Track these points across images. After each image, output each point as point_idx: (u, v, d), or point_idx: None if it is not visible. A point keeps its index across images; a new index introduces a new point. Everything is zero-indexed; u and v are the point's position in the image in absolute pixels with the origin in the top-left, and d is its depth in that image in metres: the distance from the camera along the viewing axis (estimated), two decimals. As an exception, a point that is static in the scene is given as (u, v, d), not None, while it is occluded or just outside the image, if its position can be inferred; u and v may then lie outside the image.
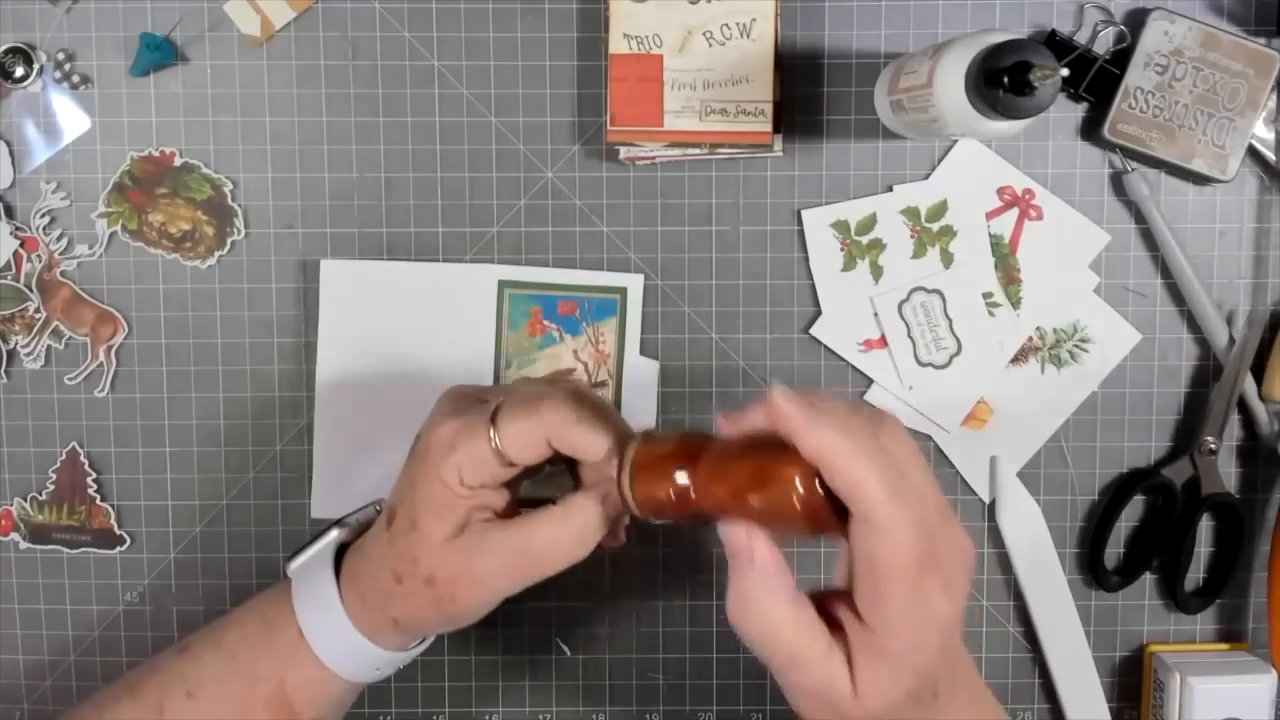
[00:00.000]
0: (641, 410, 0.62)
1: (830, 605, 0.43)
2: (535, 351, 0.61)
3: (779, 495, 0.41)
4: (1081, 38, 0.60)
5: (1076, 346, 0.62)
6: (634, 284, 0.61)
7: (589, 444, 0.46)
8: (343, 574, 0.50)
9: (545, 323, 0.61)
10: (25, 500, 0.62)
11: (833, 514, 0.41)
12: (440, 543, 0.47)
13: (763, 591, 0.42)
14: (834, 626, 0.42)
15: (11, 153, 0.60)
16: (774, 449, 0.41)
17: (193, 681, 0.50)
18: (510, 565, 0.47)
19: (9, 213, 0.61)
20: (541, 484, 0.52)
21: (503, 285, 0.61)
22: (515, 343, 0.61)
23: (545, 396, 0.48)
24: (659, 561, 0.63)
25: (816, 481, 0.41)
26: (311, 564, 0.51)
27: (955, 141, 0.61)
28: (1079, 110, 0.61)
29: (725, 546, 0.43)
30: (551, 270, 0.61)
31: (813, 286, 0.62)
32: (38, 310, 0.61)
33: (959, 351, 0.62)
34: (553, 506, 0.48)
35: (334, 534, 0.52)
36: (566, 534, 0.47)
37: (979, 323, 0.61)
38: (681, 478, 0.44)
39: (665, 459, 0.45)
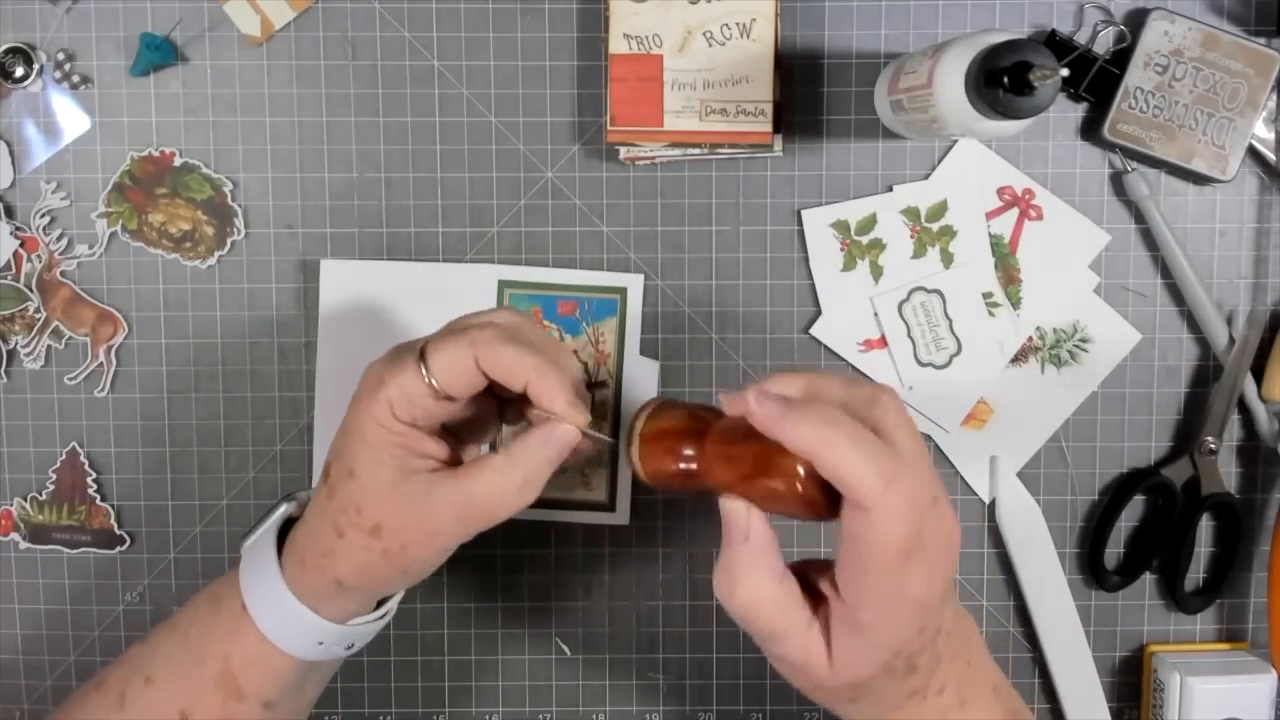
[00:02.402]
0: (641, 410, 0.62)
1: (813, 575, 0.44)
2: None
3: (781, 483, 0.42)
4: (1081, 38, 0.60)
5: (1076, 346, 0.62)
6: (634, 284, 0.61)
7: (521, 365, 0.45)
8: (286, 544, 0.49)
9: (545, 323, 0.61)
10: (25, 500, 0.62)
11: (830, 500, 0.42)
12: (385, 488, 0.46)
13: (752, 567, 0.43)
14: (816, 595, 0.44)
15: (11, 153, 0.60)
16: None
17: (150, 667, 0.50)
18: (459, 516, 0.47)
19: (9, 213, 0.61)
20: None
21: (503, 285, 0.61)
22: None
23: (473, 324, 0.47)
24: (659, 561, 0.63)
25: (815, 470, 0.41)
26: (259, 539, 0.50)
27: (955, 141, 0.61)
28: (1079, 110, 0.61)
29: (722, 519, 0.43)
30: (551, 270, 0.61)
31: (813, 286, 0.62)
32: (38, 310, 0.61)
33: (959, 351, 0.62)
34: (495, 454, 0.47)
35: (282, 508, 0.51)
36: (512, 481, 0.46)
37: (979, 323, 0.61)
38: (688, 457, 0.45)
39: (672, 436, 0.46)
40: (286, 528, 0.51)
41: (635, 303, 0.61)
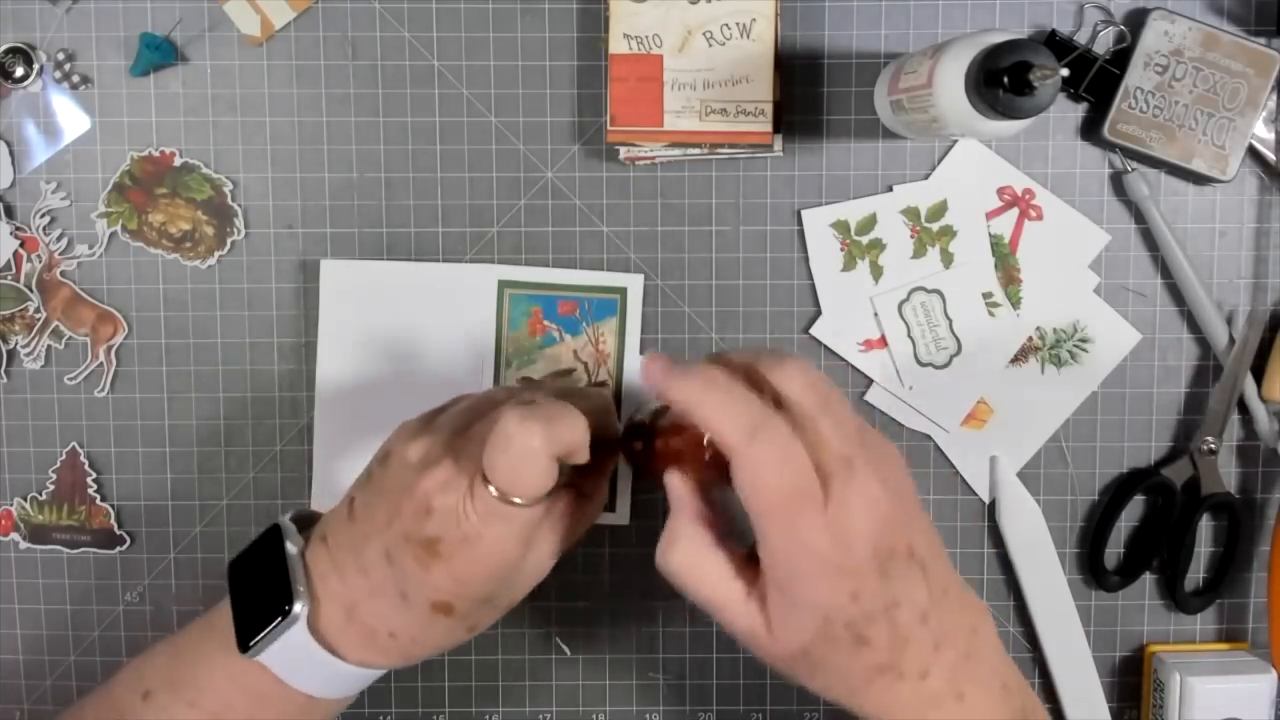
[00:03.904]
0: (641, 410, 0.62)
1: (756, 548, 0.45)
2: (535, 351, 0.61)
3: (692, 448, 0.46)
4: (1081, 38, 0.60)
5: (1076, 346, 0.62)
6: (634, 284, 0.61)
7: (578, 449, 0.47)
8: (357, 646, 0.48)
9: (545, 323, 0.61)
10: (25, 500, 0.62)
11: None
12: (514, 585, 0.50)
13: (684, 535, 0.45)
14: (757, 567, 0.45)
15: (11, 153, 0.60)
16: None
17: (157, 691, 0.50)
18: (561, 548, 0.51)
19: (9, 213, 0.61)
20: None
21: (503, 285, 0.61)
22: (515, 342, 0.61)
23: (516, 440, 0.45)
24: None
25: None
26: (292, 641, 0.48)
27: (955, 141, 0.61)
28: (1079, 110, 0.61)
29: (668, 494, 0.46)
30: (551, 270, 0.61)
31: (813, 286, 0.62)
32: (38, 310, 0.61)
33: (959, 351, 0.62)
34: (556, 509, 0.49)
35: (293, 549, 0.50)
36: (579, 518, 0.51)
37: (979, 323, 0.61)
38: (642, 443, 0.50)
39: (632, 428, 0.51)
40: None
41: (635, 303, 0.61)
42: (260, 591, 0.49)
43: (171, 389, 0.62)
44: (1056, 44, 0.59)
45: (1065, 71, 0.47)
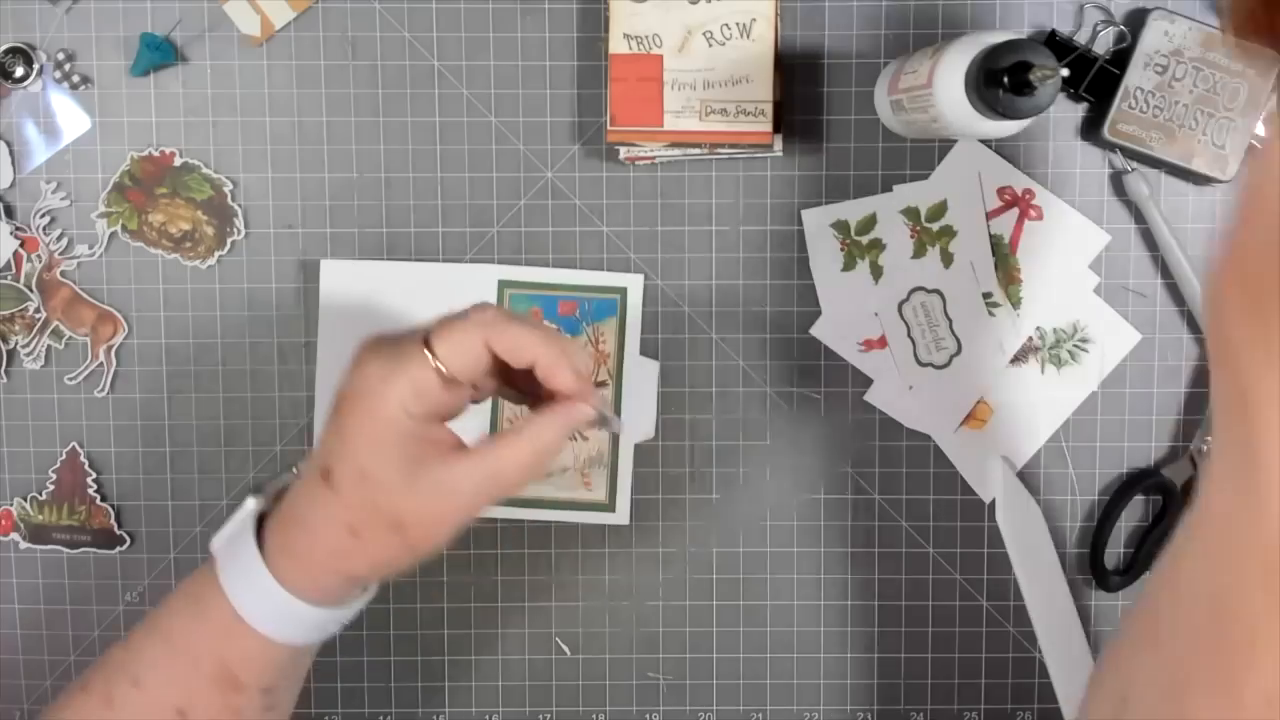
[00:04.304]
0: (641, 410, 0.62)
1: None
2: None
3: None
4: (1081, 38, 0.60)
5: (1076, 346, 0.62)
6: (634, 284, 0.61)
7: (531, 339, 0.46)
8: (271, 545, 0.48)
9: (545, 323, 0.61)
10: (25, 500, 0.62)
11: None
12: (403, 485, 0.46)
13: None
14: None
15: (11, 153, 0.60)
16: None
17: (135, 670, 0.49)
18: (481, 495, 0.47)
19: (9, 213, 0.61)
20: None
21: (503, 285, 0.61)
22: None
23: (472, 308, 0.47)
24: (658, 561, 0.63)
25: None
26: (234, 539, 0.49)
27: (955, 141, 0.61)
28: (1079, 110, 0.61)
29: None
30: (551, 270, 0.61)
31: (813, 286, 0.62)
32: (38, 310, 0.61)
33: (959, 351, 0.62)
34: (509, 431, 0.47)
35: (251, 505, 0.50)
36: (529, 455, 0.47)
37: (979, 323, 0.61)
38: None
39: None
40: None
41: (635, 303, 0.61)
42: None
43: (171, 389, 0.62)
44: (1056, 44, 0.59)
45: (1065, 71, 0.47)
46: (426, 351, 0.46)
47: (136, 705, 0.49)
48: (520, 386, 0.50)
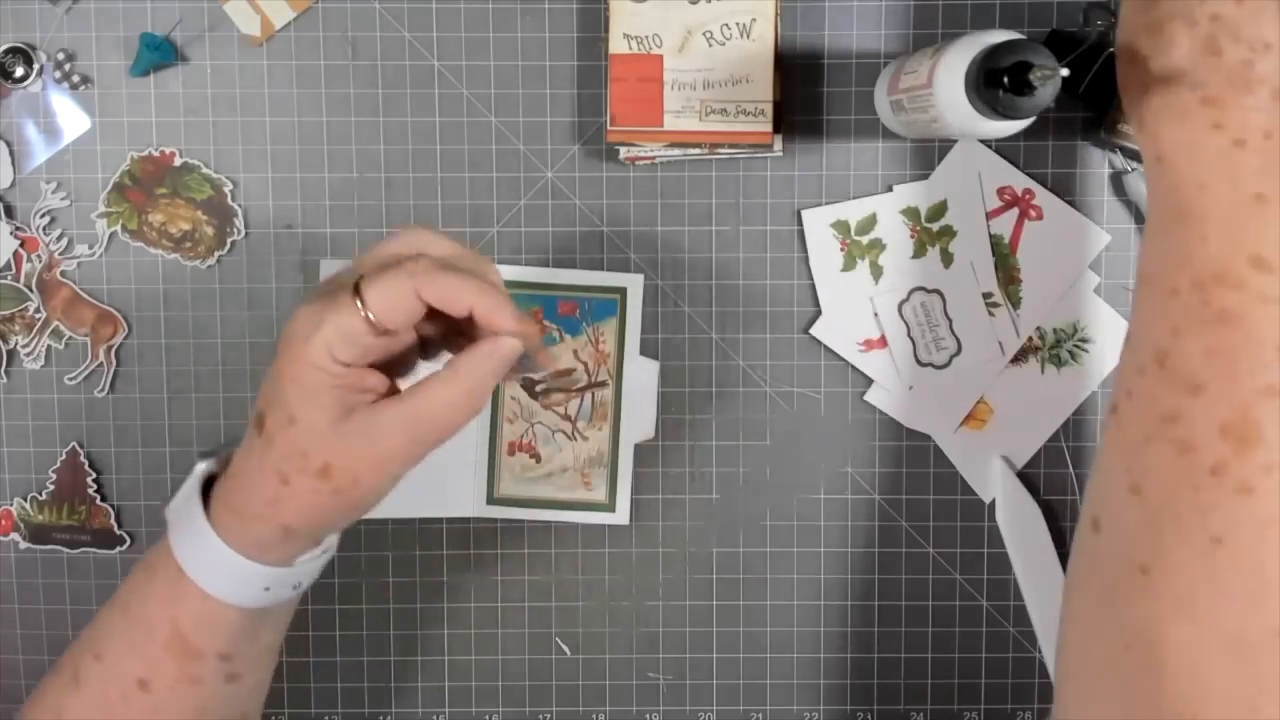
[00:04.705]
0: (641, 410, 0.62)
1: None
2: None
3: None
4: (1082, 38, 0.60)
5: (1076, 346, 0.62)
6: (634, 284, 0.61)
7: (463, 288, 0.46)
8: (216, 503, 0.48)
9: (545, 323, 0.61)
10: (25, 500, 0.62)
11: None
12: (330, 429, 0.45)
13: None
14: None
15: (11, 153, 0.60)
16: None
17: (99, 644, 0.49)
18: (410, 437, 0.46)
19: (9, 213, 0.61)
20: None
21: None
22: None
23: (404, 254, 0.46)
24: (658, 561, 0.63)
25: None
26: (183, 501, 0.49)
27: (955, 141, 0.61)
28: (1079, 110, 0.61)
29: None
30: (552, 270, 0.61)
31: (813, 286, 0.62)
32: (38, 310, 0.61)
33: (959, 351, 0.62)
34: (437, 373, 0.46)
35: (201, 466, 0.49)
36: (460, 394, 0.46)
37: (979, 323, 0.61)
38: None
39: None
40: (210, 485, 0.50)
41: (635, 303, 0.61)
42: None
43: (171, 389, 0.62)
44: (1057, 43, 0.59)
45: (1065, 71, 0.47)
46: (356, 300, 0.45)
47: (100, 679, 0.49)
48: (461, 330, 0.49)
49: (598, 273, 0.61)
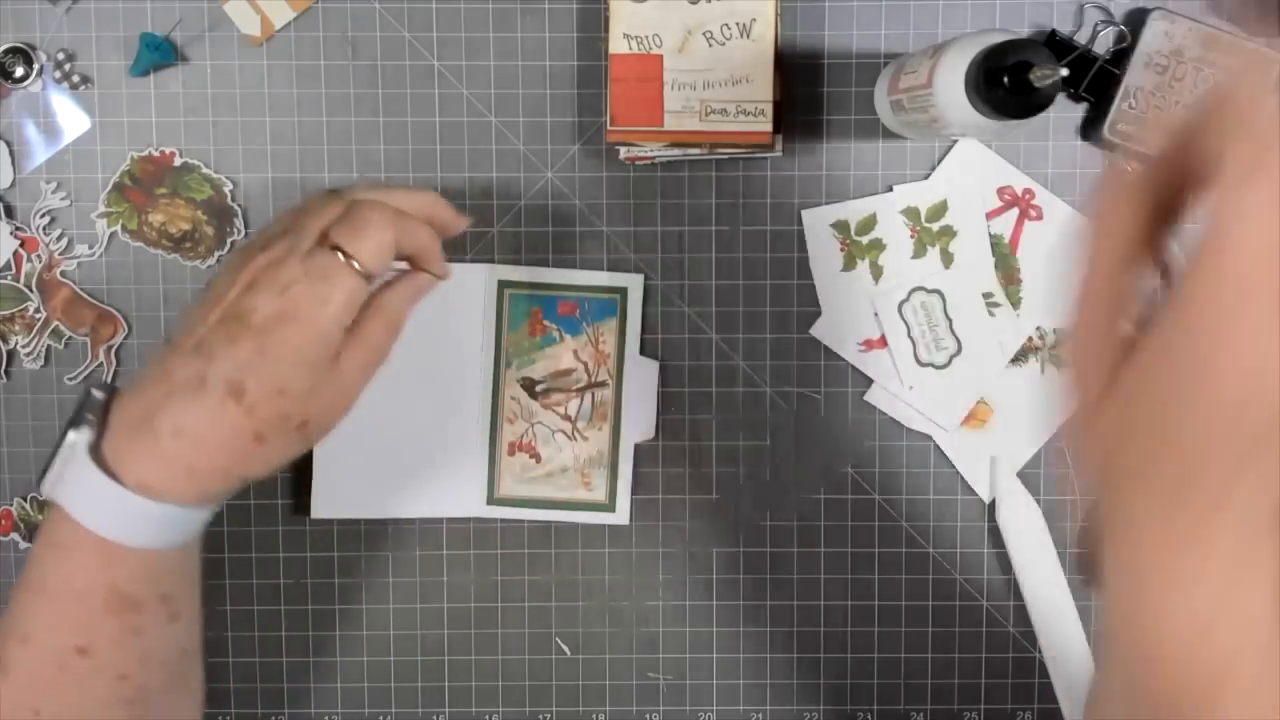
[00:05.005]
0: (642, 410, 0.62)
1: None
2: (535, 351, 0.62)
3: None
4: (1081, 38, 0.60)
5: (1076, 346, 0.62)
6: (634, 284, 0.61)
7: (429, 241, 0.51)
8: (129, 464, 0.46)
9: (545, 323, 0.61)
10: (25, 500, 0.62)
11: None
12: (311, 392, 0.47)
13: None
14: None
15: (11, 153, 0.60)
16: None
17: (21, 627, 0.48)
18: (364, 374, 0.50)
19: (9, 213, 0.61)
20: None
21: (503, 285, 0.61)
22: (515, 342, 0.61)
23: (366, 203, 0.49)
24: (659, 561, 0.63)
25: None
26: (73, 475, 0.47)
27: (955, 141, 0.61)
28: (1079, 110, 0.61)
29: None
30: (552, 270, 0.61)
31: (813, 286, 0.62)
32: (38, 310, 0.61)
33: (959, 351, 0.62)
34: (370, 309, 0.49)
35: (75, 437, 0.47)
36: (393, 324, 0.50)
37: (979, 323, 0.61)
38: None
39: None
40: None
41: (635, 303, 0.61)
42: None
43: (171, 389, 0.62)
44: (1056, 44, 0.59)
45: (1065, 71, 0.47)
46: (353, 263, 0.47)
47: (31, 659, 0.48)
48: None
49: (598, 273, 0.61)
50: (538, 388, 0.62)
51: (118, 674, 0.48)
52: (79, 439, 0.47)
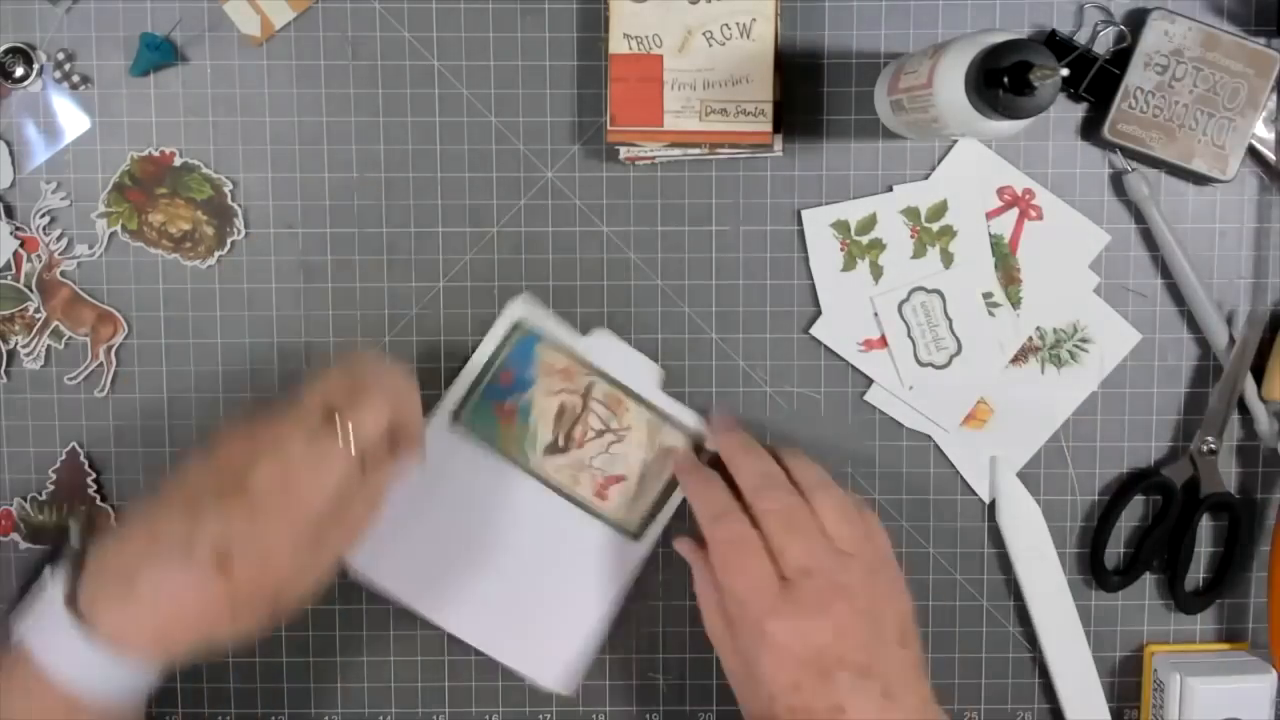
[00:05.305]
0: (680, 417, 0.61)
1: None
2: (525, 427, 0.61)
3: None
4: (1081, 38, 0.60)
5: (1076, 346, 0.62)
6: (518, 306, 0.60)
7: (417, 425, 0.54)
8: (106, 624, 0.46)
9: (506, 405, 0.61)
10: (25, 500, 0.62)
11: None
12: (295, 568, 0.49)
13: (699, 583, 0.58)
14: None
15: (11, 153, 0.60)
16: None
17: None
18: (344, 550, 0.51)
19: (9, 213, 0.61)
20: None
21: (454, 418, 0.60)
22: (510, 441, 0.61)
23: (362, 393, 0.50)
24: (659, 561, 0.63)
25: None
26: (46, 621, 0.47)
27: (955, 141, 0.61)
28: (1079, 110, 0.61)
29: None
30: (462, 375, 0.60)
31: (813, 286, 0.62)
32: (38, 310, 0.61)
33: (959, 351, 0.62)
34: (361, 489, 0.50)
35: (54, 589, 0.47)
36: (374, 504, 0.52)
37: (979, 323, 0.61)
38: None
39: None
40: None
41: (538, 315, 0.60)
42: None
43: (171, 389, 0.62)
44: (1056, 44, 0.59)
45: (1065, 71, 0.47)
46: (349, 438, 0.48)
47: None
48: None
49: (489, 333, 0.61)
50: (559, 443, 0.61)
51: None
52: (55, 588, 0.47)
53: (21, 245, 0.61)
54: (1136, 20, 0.59)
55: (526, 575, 0.61)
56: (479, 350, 0.61)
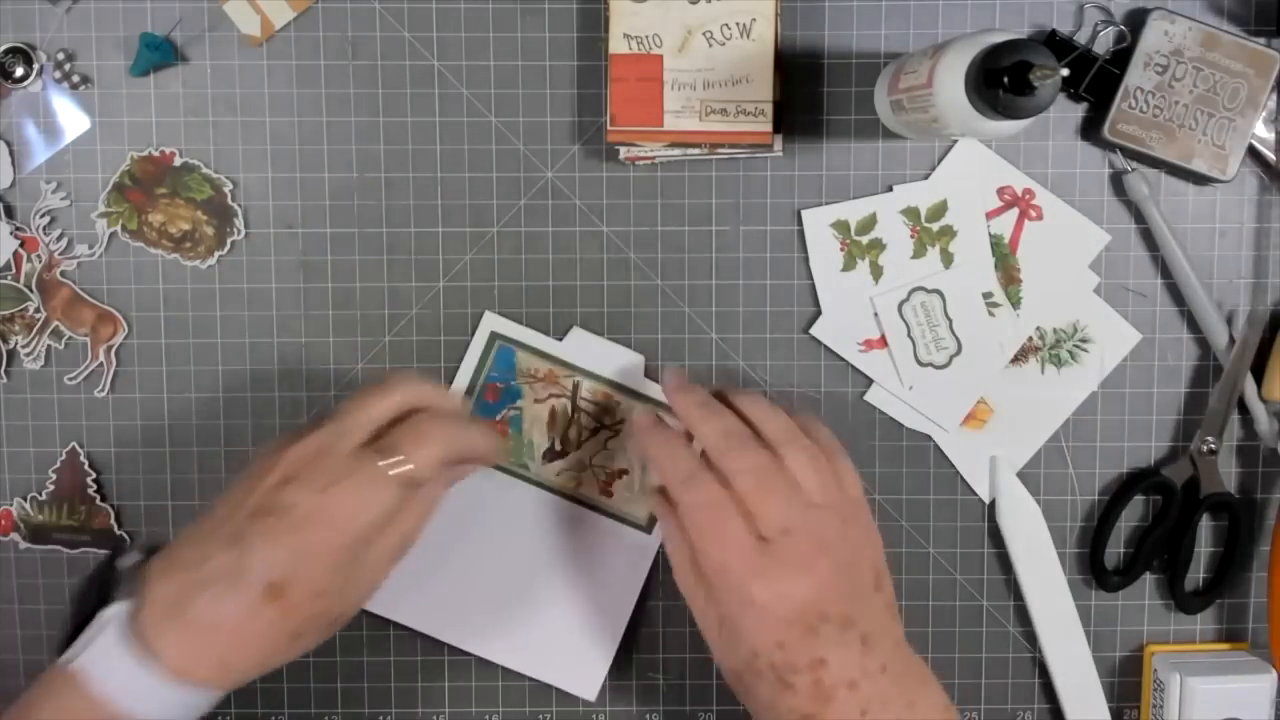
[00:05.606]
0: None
1: None
2: (517, 437, 0.61)
3: None
4: (1081, 38, 0.60)
5: (1076, 346, 0.62)
6: (488, 320, 0.61)
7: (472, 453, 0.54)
8: (169, 653, 0.46)
9: (499, 421, 0.61)
10: (25, 500, 0.62)
11: None
12: (348, 590, 0.49)
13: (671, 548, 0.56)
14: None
15: (11, 153, 0.60)
16: None
17: None
18: (393, 564, 0.51)
19: (9, 213, 0.61)
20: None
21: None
22: (510, 451, 0.62)
23: (430, 425, 0.51)
24: (659, 562, 0.63)
25: None
26: (105, 650, 0.46)
27: (955, 141, 0.61)
28: (1079, 110, 0.61)
29: None
30: (449, 389, 0.61)
31: (813, 286, 0.62)
32: (38, 310, 0.61)
33: (959, 351, 0.62)
34: (409, 502, 0.50)
35: (116, 615, 0.47)
36: (424, 515, 0.51)
37: (979, 323, 0.61)
38: None
39: None
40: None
41: (504, 324, 0.61)
42: (92, 606, 0.48)
43: (171, 389, 0.62)
44: (1056, 44, 0.59)
45: (1065, 71, 0.47)
46: (395, 471, 0.49)
47: None
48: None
49: (472, 349, 0.61)
50: (556, 447, 0.61)
51: None
52: (117, 615, 0.47)
53: (21, 245, 0.61)
54: (1136, 20, 0.59)
55: (549, 587, 0.61)
56: (460, 372, 0.61)
